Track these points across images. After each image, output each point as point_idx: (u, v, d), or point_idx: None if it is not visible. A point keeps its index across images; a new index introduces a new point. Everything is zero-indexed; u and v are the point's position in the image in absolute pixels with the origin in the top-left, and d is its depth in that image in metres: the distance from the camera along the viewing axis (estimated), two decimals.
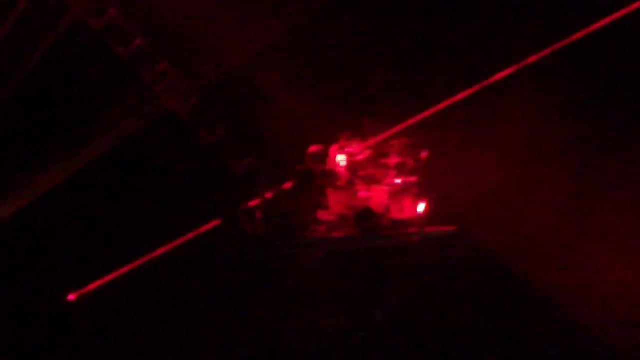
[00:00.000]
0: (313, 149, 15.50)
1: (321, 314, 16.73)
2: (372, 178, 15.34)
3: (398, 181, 15.31)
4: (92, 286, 16.61)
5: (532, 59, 15.95)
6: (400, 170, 15.41)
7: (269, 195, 15.23)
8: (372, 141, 15.85)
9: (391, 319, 16.84)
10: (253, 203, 15.21)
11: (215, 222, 15.85)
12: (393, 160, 15.47)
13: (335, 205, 15.13)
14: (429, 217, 15.33)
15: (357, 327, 16.75)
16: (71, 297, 16.70)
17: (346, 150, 15.43)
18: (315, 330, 16.61)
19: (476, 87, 16.20)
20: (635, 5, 15.48)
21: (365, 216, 14.75)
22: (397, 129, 16.31)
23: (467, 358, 16.22)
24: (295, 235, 14.82)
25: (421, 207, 15.30)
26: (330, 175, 15.27)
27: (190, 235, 16.46)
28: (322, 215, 15.15)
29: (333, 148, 15.52)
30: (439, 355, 16.33)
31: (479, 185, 16.17)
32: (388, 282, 16.91)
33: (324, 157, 15.44)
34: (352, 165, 15.39)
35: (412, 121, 16.34)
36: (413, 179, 15.36)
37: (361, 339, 16.69)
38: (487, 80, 16.02)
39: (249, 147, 15.97)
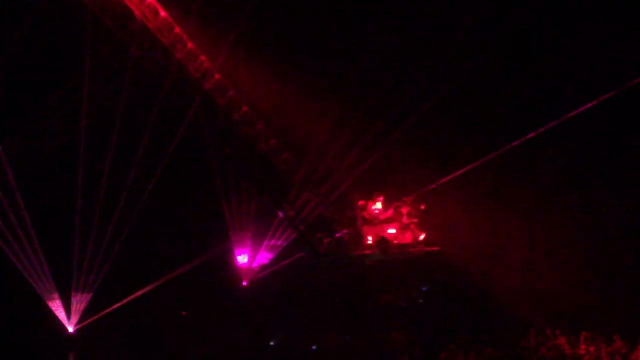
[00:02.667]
0: (360, 202, 27.74)
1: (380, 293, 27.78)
2: (391, 219, 27.42)
3: (406, 222, 27.36)
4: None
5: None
6: (408, 215, 27.48)
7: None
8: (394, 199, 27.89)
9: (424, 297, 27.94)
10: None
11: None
12: (405, 209, 27.53)
13: (369, 235, 27.33)
14: (426, 241, 27.20)
15: (403, 301, 27.57)
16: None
17: (377, 203, 27.56)
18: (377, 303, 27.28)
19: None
20: None
21: (383, 241, 26.85)
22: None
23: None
24: (346, 253, 27.03)
25: (422, 236, 27.27)
26: (368, 218, 27.46)
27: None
28: (362, 241, 27.40)
29: (370, 202, 27.68)
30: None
31: (457, 227, 27.32)
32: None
33: (365, 207, 27.64)
34: (379, 212, 27.51)
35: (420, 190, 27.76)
36: (415, 220, 27.34)
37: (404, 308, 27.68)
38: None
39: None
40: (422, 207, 27.40)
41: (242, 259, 26.99)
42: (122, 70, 23.48)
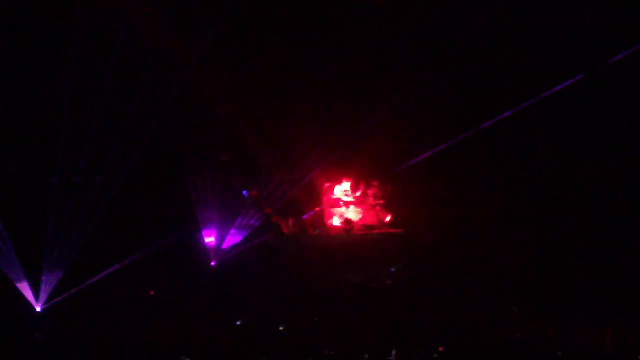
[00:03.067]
0: (326, 184, 27.84)
1: (348, 274, 27.40)
2: (356, 201, 27.55)
3: (372, 203, 27.52)
4: None
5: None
6: (374, 197, 27.63)
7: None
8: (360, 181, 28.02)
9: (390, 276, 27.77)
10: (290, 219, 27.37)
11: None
12: (371, 191, 27.68)
13: (334, 216, 27.44)
14: (391, 223, 27.35)
15: (371, 281, 27.29)
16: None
17: (343, 185, 27.67)
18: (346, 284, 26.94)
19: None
20: None
21: (347, 223, 26.99)
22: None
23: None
24: (311, 234, 27.08)
25: (388, 218, 27.43)
26: (333, 199, 27.57)
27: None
28: (327, 223, 27.50)
29: (336, 183, 27.78)
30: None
31: (422, 208, 27.44)
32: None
33: (331, 188, 27.74)
34: (345, 194, 27.62)
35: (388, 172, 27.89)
36: (381, 201, 27.51)
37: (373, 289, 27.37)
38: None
39: None
40: (389, 188, 27.67)
41: (209, 238, 27.10)
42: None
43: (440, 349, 18.79)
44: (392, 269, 26.88)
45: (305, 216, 27.60)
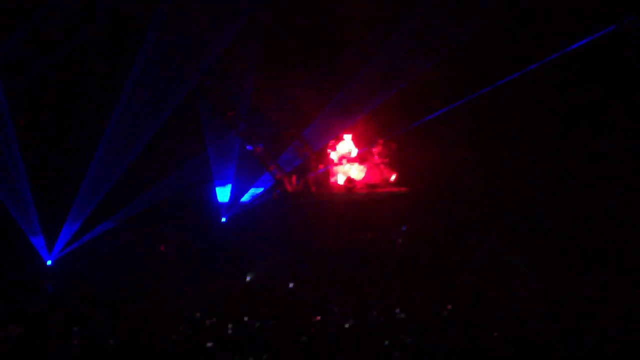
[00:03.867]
0: (330, 142, 27.84)
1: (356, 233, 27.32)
2: (361, 159, 27.60)
3: (377, 161, 27.56)
4: None
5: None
6: (379, 155, 27.64)
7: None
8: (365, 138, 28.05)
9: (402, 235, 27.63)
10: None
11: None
12: (376, 149, 27.70)
13: (338, 174, 27.50)
14: (396, 182, 27.39)
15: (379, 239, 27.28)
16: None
17: (347, 143, 27.70)
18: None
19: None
20: None
21: (350, 181, 27.06)
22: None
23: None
24: (313, 192, 27.16)
25: (393, 177, 27.47)
26: (337, 157, 27.60)
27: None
28: (330, 181, 27.57)
29: (340, 141, 27.81)
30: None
31: (428, 168, 27.47)
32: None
33: (335, 146, 27.76)
34: (349, 152, 27.67)
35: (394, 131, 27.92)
36: (386, 160, 27.52)
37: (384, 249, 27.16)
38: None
39: None
40: (394, 146, 27.69)
41: (222, 195, 27.20)
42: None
43: (449, 306, 18.83)
44: (404, 228, 27.02)
45: (308, 174, 27.70)
